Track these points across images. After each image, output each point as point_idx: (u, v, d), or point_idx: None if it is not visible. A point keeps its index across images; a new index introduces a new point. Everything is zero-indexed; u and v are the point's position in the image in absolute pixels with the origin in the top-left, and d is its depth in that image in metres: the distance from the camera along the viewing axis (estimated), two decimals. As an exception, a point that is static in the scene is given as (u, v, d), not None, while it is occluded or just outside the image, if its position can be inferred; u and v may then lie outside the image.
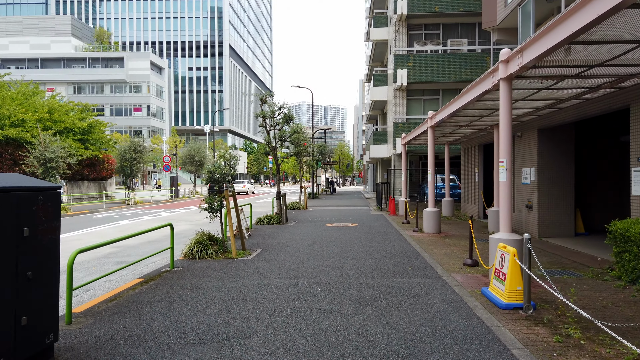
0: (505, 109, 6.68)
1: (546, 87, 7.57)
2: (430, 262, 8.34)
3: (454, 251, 9.65)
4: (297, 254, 9.43)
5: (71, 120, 28.74)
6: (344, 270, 7.63)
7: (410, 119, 24.31)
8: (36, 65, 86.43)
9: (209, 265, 8.21)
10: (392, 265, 8.11)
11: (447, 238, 11.75)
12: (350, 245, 10.58)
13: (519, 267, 5.44)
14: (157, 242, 11.78)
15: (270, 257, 9.09)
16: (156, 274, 7.62)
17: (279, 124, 16.20)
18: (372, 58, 34.33)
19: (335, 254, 9.37)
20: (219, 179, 9.21)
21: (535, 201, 11.66)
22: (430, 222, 12.76)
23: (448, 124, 12.88)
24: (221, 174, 9.17)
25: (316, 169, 39.87)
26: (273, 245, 10.72)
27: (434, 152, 13.15)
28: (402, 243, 10.85)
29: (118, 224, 16.97)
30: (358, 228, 14.15)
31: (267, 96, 16.13)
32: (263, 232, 13.18)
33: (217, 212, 9.28)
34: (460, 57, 23.47)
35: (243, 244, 9.86)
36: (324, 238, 11.84)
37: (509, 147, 6.75)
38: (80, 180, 30.77)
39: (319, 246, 10.42)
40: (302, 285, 6.58)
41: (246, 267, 8.07)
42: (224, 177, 9.22)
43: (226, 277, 7.25)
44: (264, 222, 15.50)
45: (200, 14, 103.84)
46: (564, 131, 11.47)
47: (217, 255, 9.08)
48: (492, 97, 8.56)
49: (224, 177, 9.22)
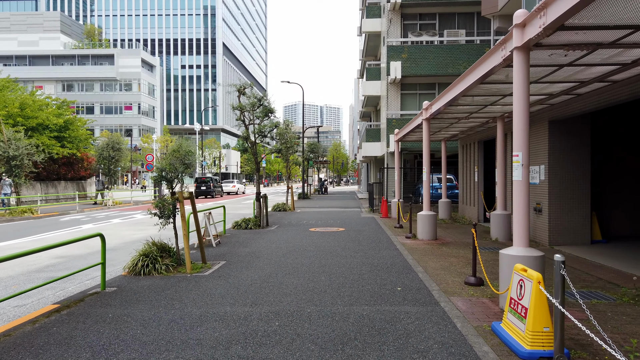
0: (521, 88, 5.16)
1: (569, 62, 6.05)
2: (425, 280, 6.81)
3: (452, 264, 8.12)
4: (265, 267, 7.88)
5: (45, 116, 27.06)
6: (316, 293, 6.08)
7: (405, 114, 22.81)
8: (24, 63, 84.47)
9: (152, 285, 6.65)
10: (377, 284, 6.57)
11: (444, 246, 10.23)
12: (332, 255, 9.04)
13: (547, 299, 3.92)
14: (112, 251, 10.19)
15: (232, 272, 7.54)
16: (80, 297, 6.06)
17: (258, 118, 14.65)
18: (365, 52, 32.80)
19: (312, 267, 7.83)
20: (170, 178, 7.65)
21: (545, 204, 10.16)
22: (426, 227, 11.24)
23: (445, 115, 11.36)
24: (172, 171, 7.60)
25: (307, 168, 38.32)
26: (241, 255, 9.16)
27: (429, 148, 11.64)
28: (392, 253, 9.32)
29: (81, 228, 15.36)
30: (344, 233, 12.62)
31: (245, 87, 14.58)
32: (236, 239, 11.63)
33: (169, 218, 7.72)
34: (457, 49, 21.99)
35: (203, 256, 8.30)
36: (303, 246, 10.29)
37: (525, 138, 5.23)
38: (57, 179, 29.09)
39: (294, 257, 8.88)
40: (256, 317, 5.04)
41: (197, 286, 6.51)
42: (175, 175, 7.65)
43: (165, 302, 5.69)
44: (241, 227, 13.94)
45: (193, 11, 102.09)
46: (579, 123, 9.97)
47: (167, 270, 7.51)
48: (498, 78, 7.05)
49: (175, 175, 7.65)
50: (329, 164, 79.08)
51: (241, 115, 14.47)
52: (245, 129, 14.49)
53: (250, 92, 14.64)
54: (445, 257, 8.77)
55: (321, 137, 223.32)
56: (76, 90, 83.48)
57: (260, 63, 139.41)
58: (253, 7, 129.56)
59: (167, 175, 7.65)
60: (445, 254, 9.13)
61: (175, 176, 7.70)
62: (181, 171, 7.62)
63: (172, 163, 7.69)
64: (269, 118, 14.79)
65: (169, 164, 7.65)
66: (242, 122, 14.54)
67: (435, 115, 11.09)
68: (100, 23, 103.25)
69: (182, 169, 7.66)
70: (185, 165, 7.73)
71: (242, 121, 14.52)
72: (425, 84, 23.05)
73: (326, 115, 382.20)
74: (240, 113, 14.48)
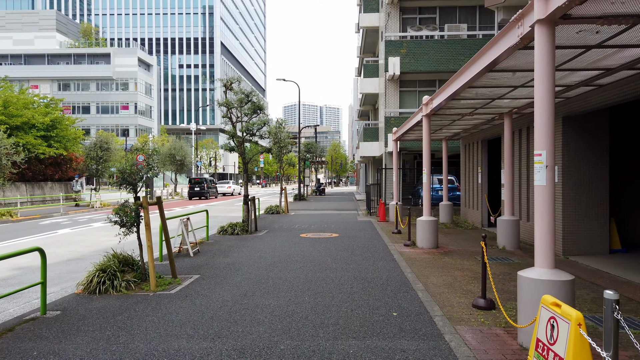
0: (545, 72, 4.15)
1: (599, 42, 5.05)
2: (426, 301, 5.80)
3: (457, 279, 7.11)
4: (242, 283, 6.87)
5: (30, 114, 26.02)
6: (295, 319, 5.08)
7: (404, 112, 21.81)
8: (19, 62, 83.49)
9: (104, 307, 5.65)
10: (369, 306, 5.57)
11: (446, 256, 9.22)
12: (321, 268, 8.03)
13: (589, 347, 2.91)
14: (79, 261, 9.19)
15: (203, 289, 6.53)
16: (13, 323, 5.05)
17: (247, 115, 13.65)
18: (363, 49, 31.78)
19: (295, 284, 6.82)
20: (132, 180, 6.64)
21: (558, 208, 9.16)
22: (426, 233, 10.22)
23: (447, 111, 10.36)
24: (135, 173, 6.59)
25: (303, 168, 37.34)
26: (219, 267, 8.16)
27: (429, 146, 10.63)
28: (388, 264, 8.31)
29: (57, 232, 14.35)
30: (338, 240, 11.61)
31: (232, 82, 13.59)
32: (218, 247, 10.62)
33: (131, 226, 6.71)
34: (459, 44, 20.99)
35: (173, 269, 7.29)
36: (290, 256, 9.28)
37: (550, 133, 4.22)
38: (43, 180, 28.07)
39: (278, 270, 7.87)
40: (214, 358, 4.03)
41: (156, 310, 5.51)
42: (137, 177, 6.64)
43: (110, 333, 4.69)
44: (227, 232, 12.93)
45: (191, 10, 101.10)
46: (596, 118, 8.97)
47: (128, 287, 6.50)
48: (509, 64, 6.05)
49: (137, 177, 6.64)
50: (327, 164, 78.02)
51: (228, 112, 13.49)
52: (232, 127, 13.51)
53: (238, 87, 13.66)
54: (448, 270, 7.76)
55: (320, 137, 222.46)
56: (72, 90, 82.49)
57: (259, 63, 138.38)
58: (252, 7, 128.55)
59: (129, 178, 6.64)
60: (448, 266, 8.12)
61: (138, 179, 6.69)
62: (144, 173, 6.62)
63: (135, 163, 6.68)
64: (258, 115, 13.81)
65: (131, 165, 6.64)
66: (229, 120, 13.56)
67: (437, 111, 10.09)
68: (98, 22, 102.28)
69: (146, 171, 6.65)
70: (150, 166, 6.72)
71: (229, 118, 13.53)
72: (425, 81, 22.04)
73: (326, 116, 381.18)
74: (226, 110, 13.49)
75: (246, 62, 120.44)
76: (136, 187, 6.79)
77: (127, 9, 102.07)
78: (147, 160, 6.69)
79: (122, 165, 6.61)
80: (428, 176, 10.65)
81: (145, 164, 6.69)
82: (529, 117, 10.54)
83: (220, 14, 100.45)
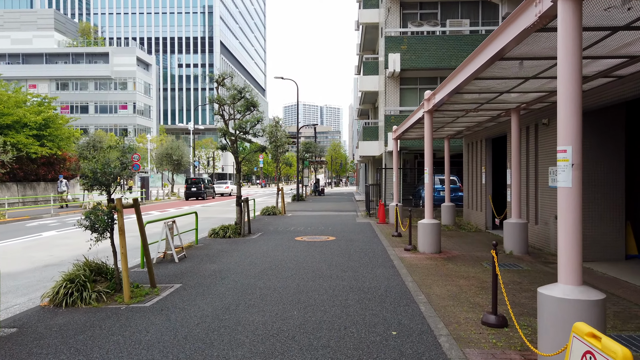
0: (571, 51, 3.53)
1: (629, 22, 4.42)
2: (429, 316, 5.17)
3: (462, 289, 6.48)
4: (226, 295, 6.23)
5: (22, 113, 25.42)
6: (280, 340, 4.45)
7: (404, 111, 21.17)
8: (17, 61, 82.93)
9: (67, 324, 5.02)
10: (366, 324, 4.94)
11: (450, 262, 8.58)
12: (314, 275, 7.40)
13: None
14: (56, 267, 8.56)
15: (182, 301, 5.90)
16: (-43, 346, 4.43)
17: (240, 112, 13.03)
18: (363, 46, 31.14)
19: (285, 295, 6.19)
20: (104, 181, 6.01)
21: (570, 211, 8.51)
22: (428, 238, 9.59)
23: (451, 107, 9.72)
24: (108, 173, 5.96)
25: (302, 168, 36.72)
26: (204, 275, 7.52)
27: (431, 144, 9.99)
28: (388, 272, 7.67)
29: (41, 235, 13.75)
30: (334, 244, 10.98)
31: (224, 77, 12.97)
32: (207, 251, 9.99)
33: (104, 231, 6.08)
34: (461, 40, 20.35)
35: (151, 278, 6.66)
36: (282, 262, 8.65)
37: (577, 125, 3.58)
38: (36, 180, 27.45)
39: (267, 278, 7.24)
40: (180, 391, 3.40)
41: (125, 327, 4.88)
42: (112, 179, 6.01)
43: (65, 357, 4.06)
44: (218, 235, 12.30)
45: (190, 9, 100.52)
46: (612, 114, 8.34)
47: (99, 299, 5.88)
48: (523, 51, 5.42)
49: (112, 179, 6.01)
50: (326, 164, 77.35)
51: (219, 109, 12.86)
52: (225, 125, 12.88)
53: (231, 82, 13.04)
54: (452, 279, 7.13)
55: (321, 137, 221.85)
56: (70, 89, 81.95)
57: (259, 62, 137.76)
58: (252, 6, 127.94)
59: (101, 178, 6.01)
60: (453, 274, 7.48)
61: (111, 179, 6.06)
62: (117, 172, 5.98)
63: (108, 162, 6.05)
64: (252, 112, 13.18)
65: (103, 163, 6.01)
66: (221, 117, 12.94)
67: (439, 107, 9.46)
68: (97, 21, 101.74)
69: (119, 170, 6.02)
70: (123, 164, 6.09)
71: (220, 115, 12.91)
72: (425, 78, 21.41)
73: (326, 116, 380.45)
74: (218, 106, 12.87)
75: (246, 62, 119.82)
76: (109, 188, 6.16)
77: (126, 8, 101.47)
78: (120, 159, 6.05)
79: (93, 165, 5.97)
80: (430, 176, 10.01)
81: (119, 162, 6.05)
82: (537, 113, 9.91)
83: (220, 13, 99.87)
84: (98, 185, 6.08)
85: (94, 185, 6.09)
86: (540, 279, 7.03)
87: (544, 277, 7.21)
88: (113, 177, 6.00)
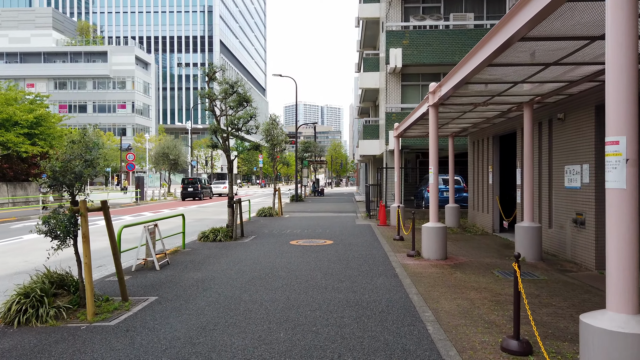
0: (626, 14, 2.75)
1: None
2: (438, 339, 4.40)
3: (474, 303, 5.71)
4: (206, 310, 5.47)
5: (12, 111, 24.66)
6: (260, 372, 3.68)
7: (406, 108, 20.40)
8: (15, 60, 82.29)
9: (16, 347, 4.27)
10: (364, 350, 4.17)
11: (457, 270, 7.81)
12: (307, 286, 6.63)
13: None
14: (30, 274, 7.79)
15: (154, 319, 5.13)
16: None
17: (232, 108, 12.28)
18: (363, 43, 30.37)
19: (273, 311, 5.42)
20: (65, 180, 5.25)
21: (590, 214, 7.76)
22: (433, 243, 8.81)
23: (458, 100, 8.95)
24: (69, 171, 5.20)
25: (301, 168, 35.98)
26: (186, 285, 6.76)
27: (437, 141, 9.23)
28: (389, 282, 6.90)
29: (22, 238, 13.05)
30: (331, 249, 10.21)
31: (215, 71, 12.22)
32: (194, 257, 9.23)
33: (65, 238, 5.33)
34: (465, 34, 19.57)
35: (123, 290, 5.90)
36: (273, 269, 7.89)
37: (633, 109, 2.81)
38: (27, 180, 26.69)
39: (255, 289, 6.47)
40: None
41: (81, 353, 4.12)
42: (75, 178, 5.25)
43: (-8, 398, 3.31)
44: (209, 238, 11.53)
45: (190, 8, 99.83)
46: (636, 108, 7.56)
47: (58, 316, 5.12)
48: (549, 29, 4.65)
49: (75, 178, 5.25)
50: (326, 164, 76.54)
51: (210, 104, 12.11)
52: (216, 121, 12.13)
53: (222, 77, 12.28)
54: (462, 291, 6.35)
55: (321, 137, 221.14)
56: (69, 88, 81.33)
57: (260, 62, 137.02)
58: (252, 5, 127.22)
59: (61, 177, 5.24)
60: (462, 285, 6.70)
61: (73, 179, 5.30)
62: (78, 170, 5.22)
63: (69, 159, 5.28)
64: (245, 108, 12.43)
65: (64, 160, 5.25)
66: (212, 113, 12.18)
67: (445, 101, 8.70)
68: (97, 20, 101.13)
69: (81, 167, 5.25)
70: (87, 162, 5.32)
71: (211, 111, 12.16)
72: (428, 74, 20.62)
73: (327, 116, 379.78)
74: (209, 102, 12.12)
75: (246, 61, 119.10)
76: (72, 188, 5.39)
77: (125, 7, 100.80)
78: (83, 155, 5.29)
79: (52, 163, 5.21)
80: (435, 176, 9.24)
81: (82, 160, 5.29)
82: (551, 107, 9.13)
83: (220, 12, 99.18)
84: (58, 185, 5.32)
85: (54, 186, 5.33)
86: (561, 291, 6.26)
87: (565, 288, 6.44)
88: (74, 176, 5.23)
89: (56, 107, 73.99)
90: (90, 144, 5.34)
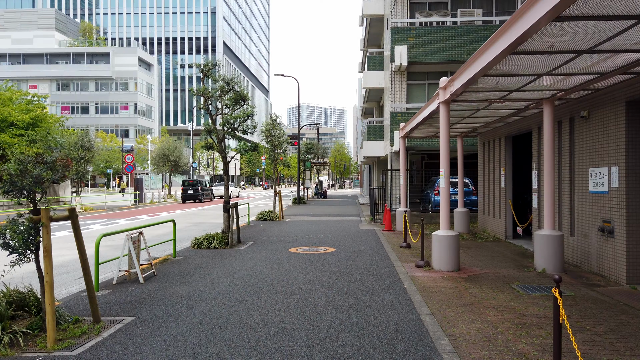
0: None
1: None
2: (459, 378, 3.65)
3: (496, 327, 4.95)
4: (187, 335, 4.73)
5: (7, 112, 24.08)
6: None
7: (411, 108, 19.64)
8: (18, 61, 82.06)
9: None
10: (369, 392, 3.42)
11: (473, 284, 7.04)
12: (305, 304, 5.89)
13: None
14: None
15: (124, 347, 4.40)
16: None
17: (228, 106, 11.57)
18: (367, 41, 29.62)
19: (264, 336, 4.68)
20: (23, 185, 4.53)
21: (620, 222, 6.98)
22: (444, 253, 8.05)
23: (471, 96, 8.19)
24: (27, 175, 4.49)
25: (303, 169, 35.27)
26: (169, 302, 6.03)
27: (448, 141, 8.48)
28: (398, 299, 6.15)
29: (7, 244, 12.28)
30: (334, 257, 9.46)
31: (211, 67, 11.51)
32: (184, 266, 8.50)
33: (24, 252, 4.61)
34: (473, 31, 18.80)
35: (94, 310, 5.18)
36: (269, 282, 7.14)
37: None
38: (23, 182, 26.06)
39: (246, 307, 5.73)
40: None
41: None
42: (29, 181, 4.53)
43: None
44: (203, 245, 10.81)
45: (193, 9, 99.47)
46: (674, 104, 6.78)
47: (14, 343, 4.40)
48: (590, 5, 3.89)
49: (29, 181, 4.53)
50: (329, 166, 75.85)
51: (205, 102, 11.40)
52: (211, 120, 11.42)
53: (217, 74, 11.58)
54: (480, 310, 5.59)
55: (325, 138, 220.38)
56: (71, 90, 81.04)
57: (263, 63, 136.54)
58: (255, 7, 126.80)
59: (18, 181, 4.53)
60: (479, 303, 5.94)
61: (32, 183, 4.58)
62: (38, 174, 4.50)
63: (27, 161, 4.57)
64: (242, 106, 11.72)
65: (21, 162, 4.53)
66: (207, 112, 11.48)
67: (457, 97, 7.95)
68: (100, 22, 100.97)
69: (41, 171, 4.53)
70: (47, 164, 4.60)
71: (206, 110, 11.45)
72: (435, 73, 19.85)
73: (330, 117, 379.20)
74: (203, 100, 11.41)
75: (249, 63, 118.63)
76: (32, 194, 4.68)
77: (128, 8, 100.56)
78: (43, 156, 4.59)
79: (8, 165, 4.49)
80: (447, 179, 8.50)
81: (42, 162, 4.58)
82: (573, 104, 8.36)
83: (223, 14, 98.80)
84: (16, 190, 4.61)
85: (11, 192, 4.62)
86: (593, 311, 5.49)
87: (596, 307, 5.67)
88: (33, 180, 4.52)
89: (59, 109, 73.73)
90: (53, 142, 4.61)
